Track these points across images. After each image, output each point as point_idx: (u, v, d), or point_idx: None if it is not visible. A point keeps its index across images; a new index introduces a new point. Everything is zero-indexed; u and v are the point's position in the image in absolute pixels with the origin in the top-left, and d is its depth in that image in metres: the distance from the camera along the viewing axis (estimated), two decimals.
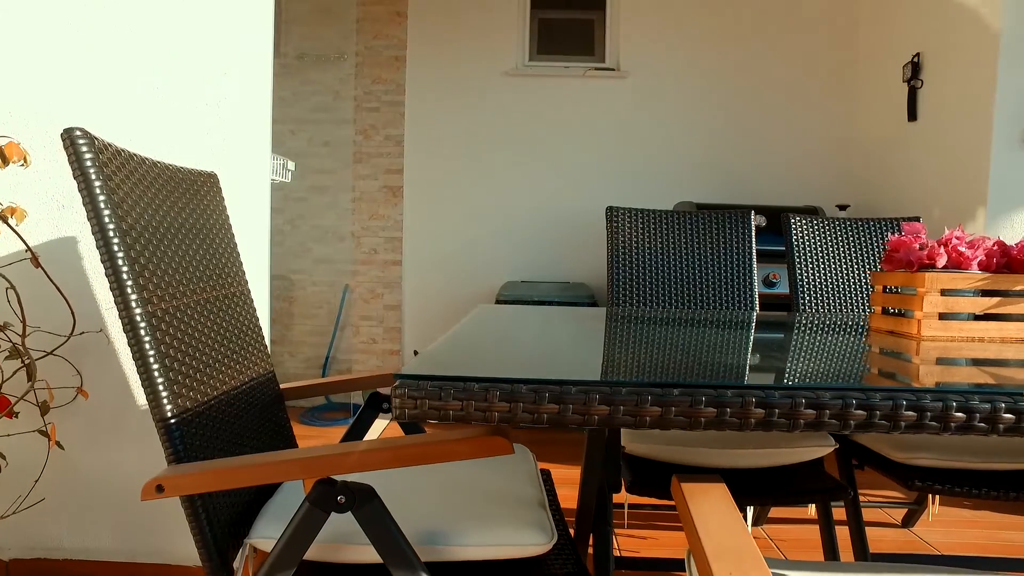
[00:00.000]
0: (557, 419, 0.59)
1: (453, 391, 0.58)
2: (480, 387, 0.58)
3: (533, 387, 0.59)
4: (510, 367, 0.69)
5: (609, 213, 1.98)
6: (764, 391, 0.60)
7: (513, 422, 0.59)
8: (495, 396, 0.58)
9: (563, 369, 0.71)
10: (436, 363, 0.67)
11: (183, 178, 1.07)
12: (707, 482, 0.67)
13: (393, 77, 3.44)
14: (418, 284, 3.58)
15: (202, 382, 0.92)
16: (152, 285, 0.85)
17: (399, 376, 0.59)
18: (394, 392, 0.58)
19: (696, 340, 1.00)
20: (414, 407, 0.58)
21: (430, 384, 0.58)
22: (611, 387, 0.59)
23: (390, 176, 3.49)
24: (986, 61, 2.56)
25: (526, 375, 0.63)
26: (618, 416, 0.58)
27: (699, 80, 3.50)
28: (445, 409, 0.58)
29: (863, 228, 2.07)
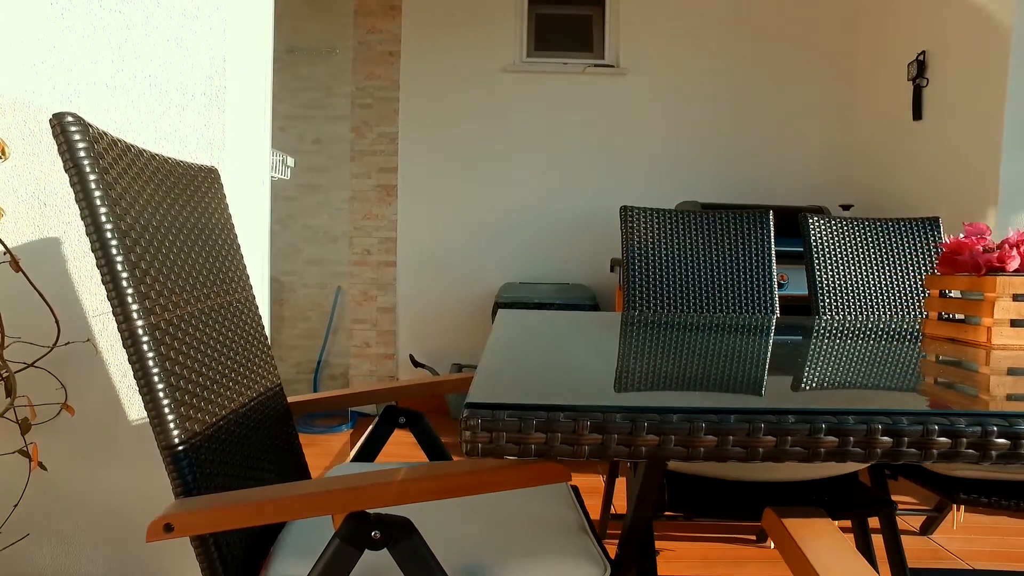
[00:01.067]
0: (655, 452, 0.50)
1: (536, 421, 0.49)
2: (567, 417, 0.49)
3: (629, 416, 0.50)
4: (583, 391, 0.59)
5: (624, 213, 1.90)
6: (836, 416, 0.52)
7: (606, 456, 0.50)
8: (585, 427, 0.49)
9: (641, 393, 0.62)
10: (500, 387, 0.57)
11: (183, 173, 0.97)
12: (809, 516, 0.58)
13: (387, 73, 3.33)
14: (413, 286, 3.47)
15: (210, 401, 0.82)
16: (155, 293, 0.75)
17: (470, 405, 0.50)
18: (464, 424, 0.49)
19: (741, 350, 0.92)
20: (488, 441, 0.49)
21: (507, 414, 0.49)
22: (719, 416, 0.51)
23: (384, 175, 3.38)
24: (996, 59, 2.53)
25: (604, 400, 0.54)
26: (727, 448, 0.50)
27: (700, 78, 3.44)
28: (526, 442, 0.49)
29: (881, 228, 2.01)
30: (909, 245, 2.00)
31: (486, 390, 0.54)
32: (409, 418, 1.19)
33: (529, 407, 0.50)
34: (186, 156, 1.26)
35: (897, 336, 1.11)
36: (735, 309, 1.86)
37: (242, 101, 1.28)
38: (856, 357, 0.89)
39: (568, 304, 3.09)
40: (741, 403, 0.57)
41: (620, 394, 0.59)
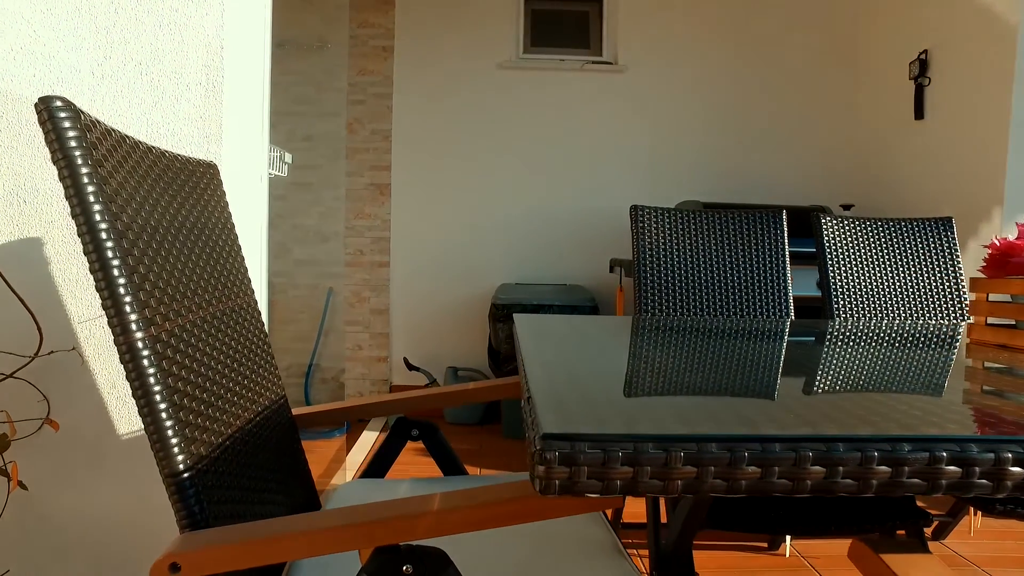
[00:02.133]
0: (756, 485, 0.44)
1: (622, 454, 0.42)
2: (658, 447, 0.42)
3: (727, 445, 0.43)
4: (657, 413, 0.52)
5: (634, 212, 1.83)
6: (891, 444, 0.46)
7: (700, 491, 0.43)
8: (678, 459, 0.42)
9: (724, 416, 0.55)
10: (572, 413, 0.50)
11: (180, 168, 0.88)
12: (908, 550, 0.52)
13: (380, 68, 3.24)
14: (407, 287, 3.39)
15: (215, 419, 0.74)
16: (155, 301, 0.67)
17: (547, 436, 0.42)
18: (539, 457, 0.42)
19: (794, 361, 0.85)
20: (568, 477, 0.42)
21: (588, 446, 0.42)
22: (827, 444, 0.44)
23: (377, 173, 3.29)
24: (1002, 57, 2.50)
25: (689, 426, 0.47)
26: (837, 480, 0.43)
27: (699, 75, 3.39)
28: (610, 478, 0.42)
29: (893, 228, 1.97)
30: (921, 245, 1.96)
31: (558, 417, 0.47)
32: (422, 430, 1.11)
33: (613, 437, 0.43)
34: (180, 150, 1.18)
35: (938, 342, 1.05)
36: (749, 311, 1.81)
37: (240, 92, 1.20)
38: (898, 367, 0.83)
39: (568, 306, 3.03)
40: (845, 429, 0.50)
41: (698, 419, 0.52)
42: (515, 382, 1.12)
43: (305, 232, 3.29)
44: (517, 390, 1.11)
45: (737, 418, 0.50)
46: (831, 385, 0.67)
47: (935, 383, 0.70)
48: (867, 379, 0.71)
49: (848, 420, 0.50)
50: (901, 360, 0.87)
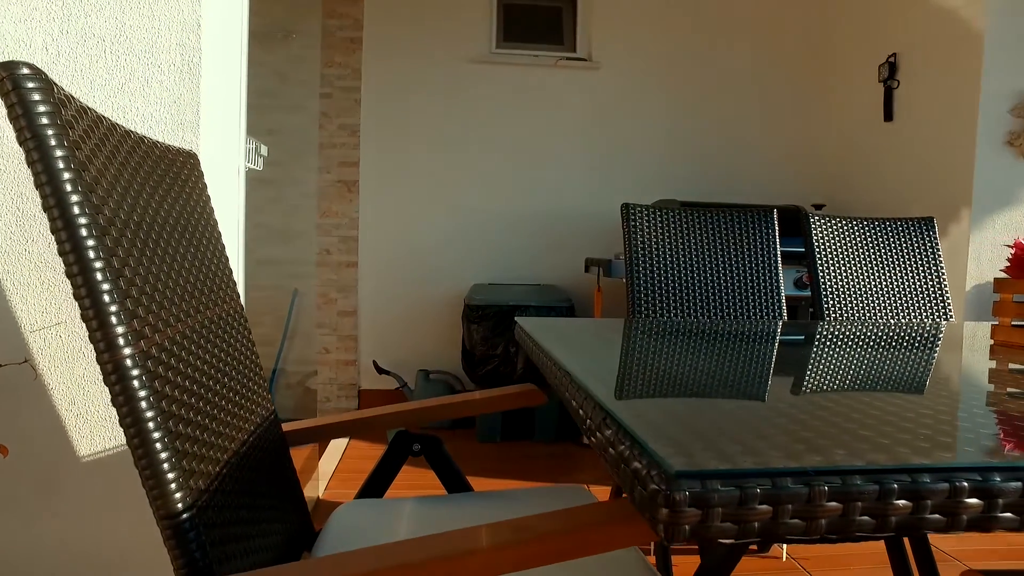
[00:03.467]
0: (907, 521, 0.37)
1: (760, 491, 0.35)
2: (798, 483, 0.35)
3: (874, 477, 0.37)
4: (781, 443, 0.45)
5: (625, 211, 1.78)
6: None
7: (847, 532, 0.37)
8: (822, 494, 0.36)
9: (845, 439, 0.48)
10: (688, 445, 0.42)
11: (160, 156, 0.78)
12: None
13: (348, 61, 3.12)
14: (376, 288, 3.27)
15: (212, 446, 0.64)
16: (143, 310, 0.57)
17: (682, 474, 0.35)
18: (665, 499, 0.34)
19: (845, 368, 0.80)
20: (700, 520, 0.34)
21: (720, 484, 0.35)
22: (982, 474, 0.38)
23: (344, 169, 3.16)
24: (969, 61, 2.55)
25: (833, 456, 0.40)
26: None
27: (673, 74, 3.37)
28: (747, 520, 0.35)
29: (878, 228, 1.97)
30: (905, 245, 1.97)
31: (677, 449, 0.39)
32: (425, 445, 1.03)
33: (748, 473, 0.36)
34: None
35: (962, 343, 1.02)
36: (743, 311, 1.77)
37: (219, 75, 1.09)
38: (940, 375, 0.79)
39: (544, 307, 2.96)
40: (929, 457, 0.44)
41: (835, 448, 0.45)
42: (530, 390, 1.04)
43: (268, 231, 3.13)
44: (532, 397, 1.04)
45: (864, 444, 0.43)
46: (940, 402, 0.61)
47: (979, 391, 0.66)
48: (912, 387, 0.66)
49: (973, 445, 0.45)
50: (934, 367, 0.83)
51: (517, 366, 2.94)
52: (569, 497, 1.02)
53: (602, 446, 0.48)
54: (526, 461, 2.68)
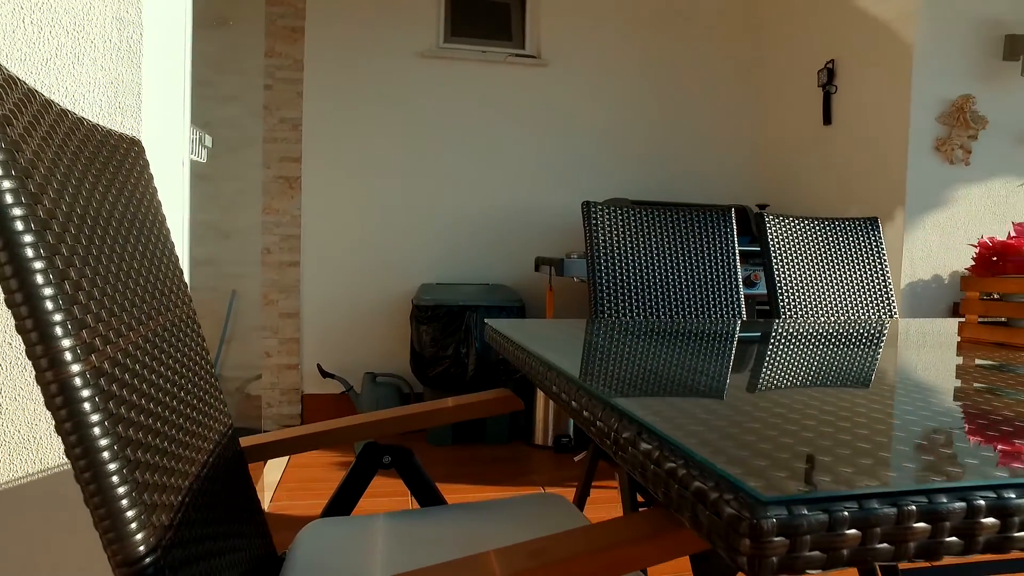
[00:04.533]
0: (995, 540, 0.35)
1: (848, 515, 0.31)
2: (885, 504, 0.32)
3: (960, 495, 0.34)
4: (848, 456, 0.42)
5: (586, 209, 1.75)
6: None
7: (934, 556, 0.33)
8: (910, 515, 0.32)
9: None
10: (760, 468, 0.38)
11: (102, 142, 0.68)
12: None
13: (289, 51, 2.97)
14: (319, 288, 3.14)
15: (172, 472, 0.56)
16: (92, 318, 0.49)
17: (771, 500, 0.31)
18: (753, 530, 0.30)
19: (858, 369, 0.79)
20: (789, 550, 0.30)
21: (807, 509, 0.31)
22: None
23: (286, 165, 3.02)
24: (900, 70, 2.66)
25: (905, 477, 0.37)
26: None
27: (621, 74, 3.39)
28: (836, 548, 0.31)
29: (828, 227, 2.02)
30: (853, 244, 2.02)
31: (748, 470, 0.35)
32: (395, 457, 0.96)
33: (835, 497, 0.32)
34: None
35: (932, 341, 1.04)
36: (703, 310, 1.78)
37: (162, 55, 0.98)
38: (927, 374, 0.78)
39: (495, 306, 2.92)
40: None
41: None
42: (506, 395, 0.99)
43: (204, 228, 2.96)
44: (508, 403, 0.99)
45: (922, 454, 0.41)
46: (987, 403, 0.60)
47: (972, 389, 0.65)
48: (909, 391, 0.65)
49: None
50: (917, 366, 0.83)
51: (468, 367, 2.89)
52: (550, 506, 0.97)
53: (636, 462, 0.43)
54: (480, 465, 2.63)
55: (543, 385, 0.72)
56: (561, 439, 2.87)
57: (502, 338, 0.96)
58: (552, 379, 0.67)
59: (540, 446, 2.91)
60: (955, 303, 2.70)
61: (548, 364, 0.69)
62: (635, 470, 0.44)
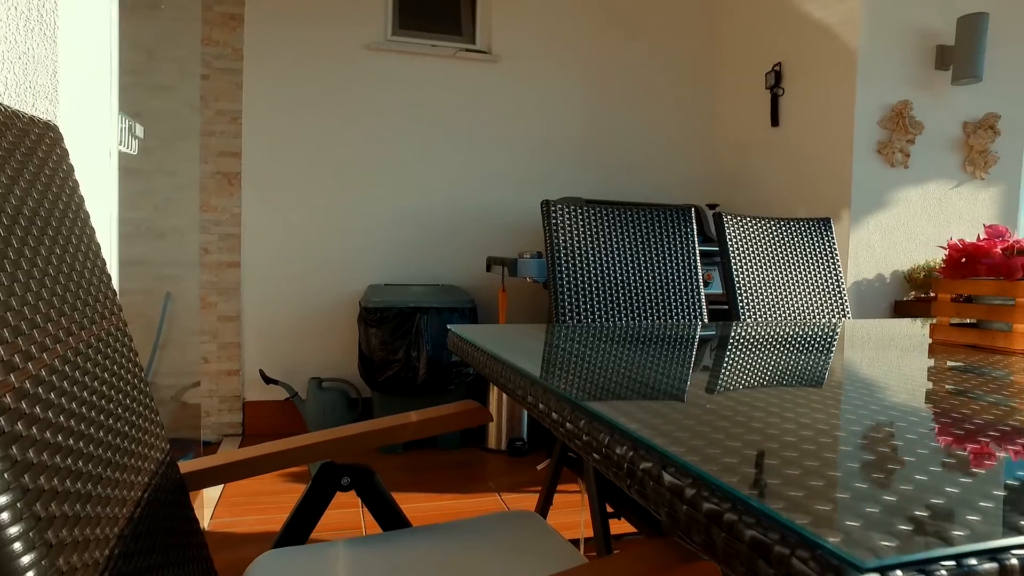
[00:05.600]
0: None
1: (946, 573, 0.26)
2: (984, 561, 0.27)
3: None
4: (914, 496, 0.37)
5: (546, 208, 1.70)
6: None
7: None
8: (1013, 571, 0.28)
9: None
10: (845, 525, 0.33)
11: (5, 124, 0.58)
12: None
13: (227, 39, 2.81)
14: (261, 290, 2.99)
15: (97, 520, 0.47)
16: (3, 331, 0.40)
17: (871, 568, 0.25)
18: None
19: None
20: None
21: (902, 572, 0.26)
22: None
23: (224, 160, 2.86)
24: (845, 75, 2.72)
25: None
26: None
27: (573, 70, 3.36)
28: None
29: (783, 227, 2.04)
30: (807, 244, 2.04)
31: (829, 527, 0.29)
32: (355, 477, 0.88)
33: (933, 559, 0.27)
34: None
35: (907, 344, 1.03)
36: (665, 311, 1.75)
37: (83, 31, 0.87)
38: (907, 379, 0.76)
39: (446, 308, 2.84)
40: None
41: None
42: (473, 408, 0.92)
43: (135, 227, 2.76)
44: (476, 416, 0.92)
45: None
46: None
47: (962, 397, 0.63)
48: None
49: None
50: (898, 370, 0.80)
51: (419, 371, 2.80)
52: (523, 525, 0.91)
53: (663, 499, 0.38)
54: (434, 471, 2.55)
55: (521, 398, 0.65)
56: (515, 442, 2.82)
57: (473, 348, 0.89)
58: (539, 396, 0.61)
59: (494, 450, 2.85)
60: (896, 301, 2.78)
61: (534, 379, 0.63)
62: (663, 510, 0.38)
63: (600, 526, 1.12)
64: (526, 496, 2.28)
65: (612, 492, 1.19)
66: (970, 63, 2.63)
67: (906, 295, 2.80)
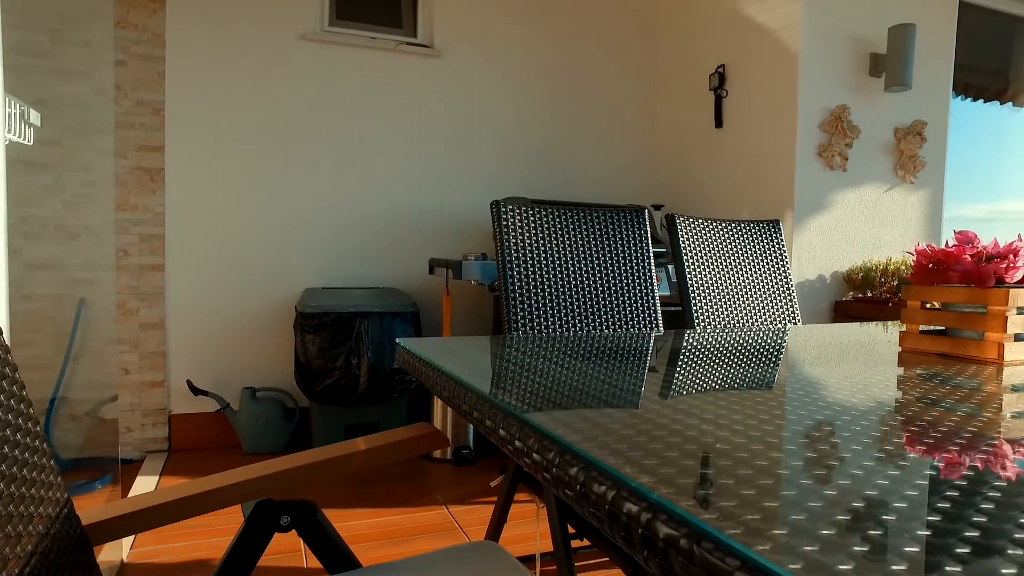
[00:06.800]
0: None
1: None
2: None
3: None
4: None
5: (496, 209, 1.62)
6: None
7: None
8: None
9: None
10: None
11: None
12: None
13: (146, 23, 2.60)
14: (188, 295, 2.79)
15: None
16: None
17: None
18: None
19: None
20: None
21: None
22: None
23: (145, 155, 2.64)
24: (787, 79, 2.76)
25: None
26: None
27: (517, 68, 3.29)
28: None
29: (734, 229, 2.02)
30: (757, 246, 2.04)
31: None
32: (295, 516, 0.78)
33: None
34: None
35: (874, 353, 1.00)
36: (620, 317, 1.70)
37: None
38: (881, 389, 0.73)
39: (388, 312, 2.72)
40: None
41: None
42: (429, 432, 0.83)
43: (41, 226, 2.51)
44: (432, 441, 0.83)
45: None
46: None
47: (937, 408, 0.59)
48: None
49: None
50: (871, 381, 0.77)
51: (361, 379, 2.67)
52: (482, 558, 0.83)
53: (658, 551, 0.30)
54: (377, 485, 2.43)
55: (488, 431, 0.57)
56: (462, 451, 2.73)
57: (425, 366, 0.80)
58: (498, 420, 0.52)
59: (439, 459, 2.75)
60: (836, 301, 2.84)
61: (495, 403, 0.55)
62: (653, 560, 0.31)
63: (563, 551, 1.05)
64: (475, 508, 2.20)
65: (573, 513, 1.13)
66: (900, 71, 2.72)
67: (845, 295, 2.86)
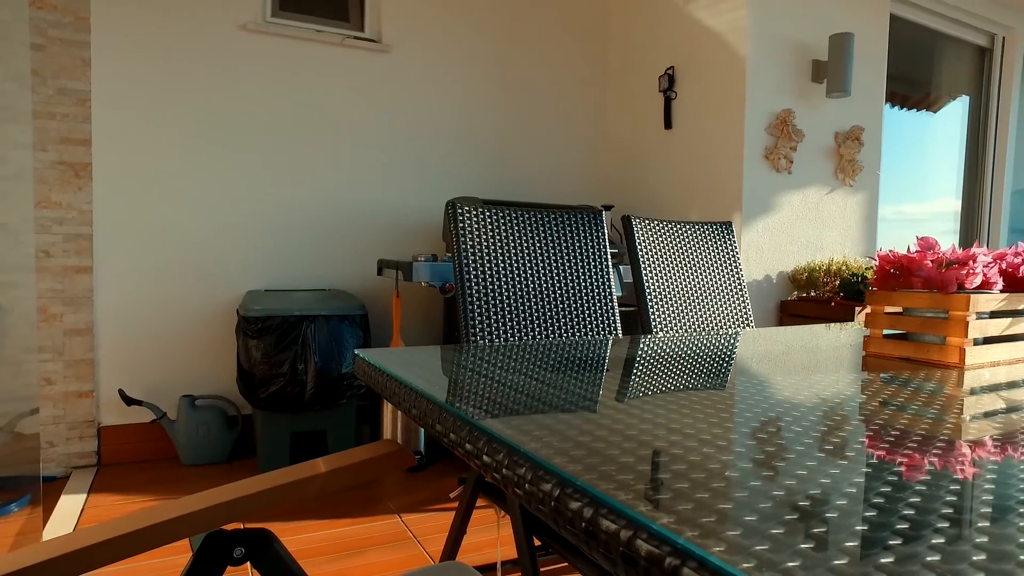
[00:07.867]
0: None
1: None
2: None
3: None
4: None
5: (452, 210, 1.57)
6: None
7: None
8: None
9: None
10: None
11: None
12: None
13: (67, 5, 2.42)
14: (118, 299, 2.62)
15: None
16: None
17: None
18: None
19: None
20: None
21: None
22: None
23: (70, 148, 2.46)
24: (735, 82, 2.81)
25: None
26: None
27: (467, 65, 3.24)
28: None
29: (687, 230, 2.04)
30: (710, 248, 2.06)
31: None
32: (249, 547, 0.71)
33: None
34: None
35: (838, 358, 1.01)
36: (578, 320, 1.68)
37: None
38: (845, 395, 0.73)
39: (335, 315, 2.63)
40: None
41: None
42: (395, 449, 0.78)
43: None
44: (399, 459, 0.78)
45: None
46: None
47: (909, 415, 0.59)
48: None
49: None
50: (835, 387, 0.76)
51: (307, 385, 2.57)
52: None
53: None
54: (327, 494, 2.33)
55: (447, 438, 0.53)
56: (413, 456, 2.66)
57: (386, 378, 0.75)
58: (466, 435, 0.48)
59: None
60: (781, 301, 2.92)
61: (467, 419, 0.51)
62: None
63: (529, 564, 1.02)
64: (430, 516, 2.14)
65: (540, 524, 1.09)
66: (840, 78, 2.81)
67: (790, 295, 2.94)
